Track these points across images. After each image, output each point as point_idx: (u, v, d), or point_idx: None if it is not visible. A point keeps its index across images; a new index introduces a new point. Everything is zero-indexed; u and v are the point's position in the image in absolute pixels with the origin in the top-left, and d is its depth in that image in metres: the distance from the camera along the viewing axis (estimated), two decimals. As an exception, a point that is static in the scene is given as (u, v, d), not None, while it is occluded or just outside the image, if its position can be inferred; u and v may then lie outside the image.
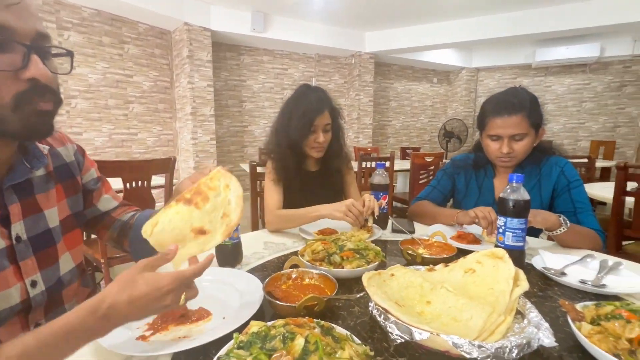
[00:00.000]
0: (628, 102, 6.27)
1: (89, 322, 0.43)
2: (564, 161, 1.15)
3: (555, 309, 0.63)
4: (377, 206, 1.03)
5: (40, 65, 0.48)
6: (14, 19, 0.46)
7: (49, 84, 0.50)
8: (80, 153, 0.73)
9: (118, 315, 0.45)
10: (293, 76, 5.78)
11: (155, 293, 0.45)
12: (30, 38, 0.48)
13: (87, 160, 0.75)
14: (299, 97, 1.26)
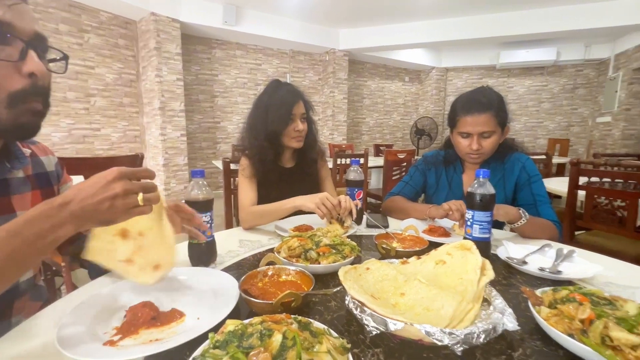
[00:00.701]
0: (580, 103, 6.79)
1: (46, 210, 0.47)
2: (525, 157, 1.23)
3: (517, 295, 0.68)
4: (354, 207, 1.04)
5: (36, 60, 0.52)
6: (15, 17, 0.50)
7: (45, 86, 0.54)
8: (60, 165, 0.76)
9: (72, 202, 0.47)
10: (267, 72, 5.70)
11: (100, 180, 0.49)
12: (29, 36, 0.52)
13: (65, 173, 0.77)
14: (273, 90, 1.27)
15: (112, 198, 0.49)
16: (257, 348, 0.39)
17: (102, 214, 0.49)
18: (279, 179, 1.28)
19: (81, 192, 0.48)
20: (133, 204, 0.51)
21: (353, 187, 1.17)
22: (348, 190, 1.18)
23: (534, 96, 7.04)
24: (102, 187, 0.48)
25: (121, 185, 0.49)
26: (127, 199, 0.50)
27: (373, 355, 0.49)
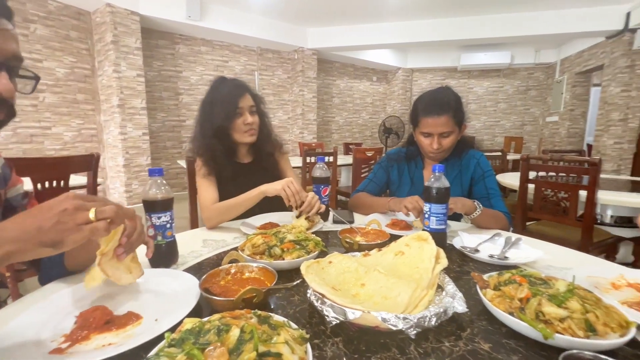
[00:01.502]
0: (532, 103, 7.33)
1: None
2: (480, 154, 1.31)
3: (469, 280, 0.73)
4: (317, 206, 1.06)
5: (5, 81, 0.54)
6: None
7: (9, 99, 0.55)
8: (8, 166, 0.69)
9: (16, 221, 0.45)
10: (234, 69, 5.58)
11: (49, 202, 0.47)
12: (5, 57, 0.54)
13: (15, 175, 0.71)
14: (218, 86, 1.26)
15: (59, 214, 0.45)
16: (213, 343, 0.39)
17: (46, 234, 0.44)
18: (236, 176, 1.26)
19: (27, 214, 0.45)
20: (83, 220, 0.46)
21: (319, 183, 1.19)
22: (314, 187, 1.20)
23: (492, 97, 7.49)
24: (49, 206, 0.45)
25: (71, 202, 0.46)
26: (76, 214, 0.46)
27: (333, 344, 0.51)
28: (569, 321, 0.48)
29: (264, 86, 5.94)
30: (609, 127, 5.16)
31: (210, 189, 1.20)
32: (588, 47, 5.70)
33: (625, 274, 0.70)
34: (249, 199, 1.10)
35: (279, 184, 1.06)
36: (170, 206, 0.78)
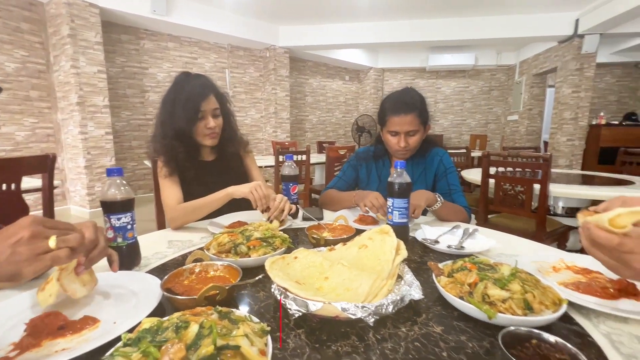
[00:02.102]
0: (495, 103, 7.74)
1: None
2: (443, 151, 1.38)
3: (428, 270, 0.77)
4: (287, 207, 1.07)
5: None
6: None
7: None
8: None
9: None
10: (204, 66, 5.43)
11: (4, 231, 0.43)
12: None
13: None
14: (180, 84, 1.20)
15: (13, 245, 0.41)
16: (171, 340, 0.39)
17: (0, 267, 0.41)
18: (200, 174, 1.24)
19: None
20: (42, 249, 0.43)
21: (288, 181, 1.20)
22: (283, 185, 1.21)
23: (458, 96, 7.83)
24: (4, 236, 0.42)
25: (28, 230, 0.42)
26: (33, 243, 0.42)
27: (296, 336, 0.52)
28: (510, 301, 0.52)
29: (236, 84, 5.83)
30: (562, 126, 5.56)
31: (174, 188, 1.17)
32: (543, 51, 6.11)
33: (565, 258, 0.77)
34: (216, 200, 1.09)
35: (246, 187, 1.05)
36: (130, 207, 0.76)
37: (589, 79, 5.27)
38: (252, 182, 1.06)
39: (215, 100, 1.22)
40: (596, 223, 0.47)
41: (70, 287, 0.53)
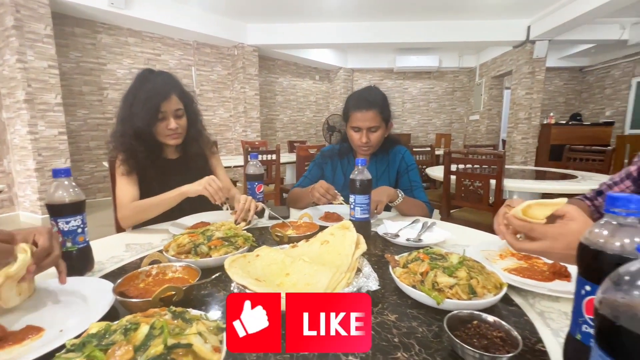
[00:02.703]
0: (458, 103, 8.13)
1: None
2: (404, 149, 1.43)
3: (387, 262, 0.80)
4: (253, 206, 1.07)
5: None
6: None
7: None
8: None
9: None
10: (168, 63, 5.22)
11: None
12: None
13: None
14: (141, 82, 1.15)
15: None
16: (118, 343, 0.38)
17: None
18: (161, 173, 1.21)
19: None
20: None
21: (253, 180, 1.19)
22: (248, 184, 1.20)
23: (424, 97, 8.13)
24: None
25: None
26: None
27: (254, 332, 0.53)
28: (457, 287, 0.56)
29: (202, 82, 5.66)
30: (518, 125, 5.96)
31: (129, 186, 1.13)
32: (500, 55, 6.51)
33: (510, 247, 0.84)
34: (169, 199, 1.06)
35: (199, 184, 1.04)
36: (81, 209, 0.72)
37: (540, 82, 5.69)
38: (204, 178, 1.04)
39: (178, 100, 1.18)
40: (514, 214, 0.57)
41: (4, 295, 0.50)
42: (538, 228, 0.56)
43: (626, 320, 0.24)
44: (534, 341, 0.50)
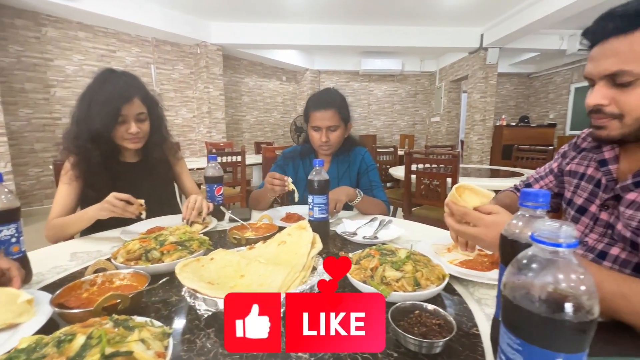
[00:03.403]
0: (420, 106, 8.48)
1: None
2: (364, 150, 1.48)
3: (343, 260, 0.82)
4: (205, 206, 1.05)
5: None
6: None
7: None
8: None
9: None
10: (124, 60, 4.94)
11: None
12: None
13: None
14: (101, 82, 1.10)
15: None
16: (51, 356, 0.36)
17: None
18: (118, 177, 1.15)
19: None
20: None
21: (212, 183, 1.16)
22: (207, 187, 1.17)
23: (389, 99, 8.39)
24: None
25: None
26: None
27: (205, 335, 0.52)
28: (403, 280, 0.60)
29: (163, 81, 5.42)
30: (474, 126, 6.35)
31: (64, 199, 1.08)
32: (457, 60, 6.89)
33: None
34: (83, 220, 1.01)
35: (101, 208, 0.96)
36: (15, 217, 0.67)
37: (493, 86, 6.10)
38: (105, 199, 0.96)
39: (141, 104, 1.14)
40: (452, 199, 0.64)
41: None
42: (472, 214, 0.61)
43: (520, 299, 0.27)
44: (469, 326, 0.54)
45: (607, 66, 0.60)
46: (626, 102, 0.60)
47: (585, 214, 0.80)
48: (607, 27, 0.59)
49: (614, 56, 0.59)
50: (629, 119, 0.61)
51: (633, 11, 0.56)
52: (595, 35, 0.62)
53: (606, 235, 0.75)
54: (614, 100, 0.61)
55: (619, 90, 0.60)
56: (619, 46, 0.58)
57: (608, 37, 0.59)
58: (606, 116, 0.63)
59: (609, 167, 0.75)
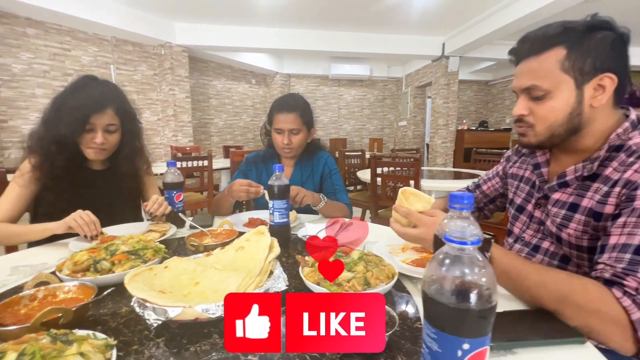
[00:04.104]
0: (388, 110, 8.75)
1: None
2: (327, 154, 1.51)
3: (302, 263, 0.84)
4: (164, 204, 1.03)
5: None
6: None
7: None
8: None
9: None
10: (81, 60, 4.66)
11: None
12: None
13: None
14: (76, 88, 1.09)
15: None
16: (-24, 376, 0.35)
17: None
18: (82, 184, 1.12)
19: None
20: None
21: (171, 189, 1.14)
22: (166, 194, 1.14)
23: (358, 103, 8.58)
24: None
25: None
26: None
27: (154, 345, 0.52)
28: (354, 281, 0.62)
29: (124, 82, 5.17)
30: (438, 130, 6.65)
31: (12, 201, 1.03)
32: (422, 67, 7.20)
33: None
34: (33, 233, 0.97)
35: (65, 223, 0.94)
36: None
37: (455, 93, 6.44)
38: (74, 213, 0.95)
39: (114, 115, 1.11)
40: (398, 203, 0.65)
41: None
42: (414, 214, 0.66)
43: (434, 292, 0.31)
44: (414, 320, 0.58)
45: (524, 82, 0.69)
46: (537, 113, 0.69)
47: (523, 213, 0.88)
48: (524, 48, 0.69)
49: (528, 73, 0.68)
50: (538, 128, 0.70)
51: (541, 36, 0.67)
52: (517, 55, 0.72)
53: (539, 231, 0.83)
54: (531, 112, 0.70)
55: (535, 102, 0.69)
56: (532, 65, 0.68)
57: (525, 57, 0.69)
58: (525, 125, 0.72)
59: (541, 170, 0.84)
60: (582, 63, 0.64)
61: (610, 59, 0.65)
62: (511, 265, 0.61)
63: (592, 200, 0.68)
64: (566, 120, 0.68)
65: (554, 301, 0.56)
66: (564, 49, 0.65)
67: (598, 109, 0.68)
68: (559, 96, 0.66)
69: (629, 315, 0.52)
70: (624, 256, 0.56)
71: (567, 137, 0.70)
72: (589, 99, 0.66)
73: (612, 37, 0.65)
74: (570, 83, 0.66)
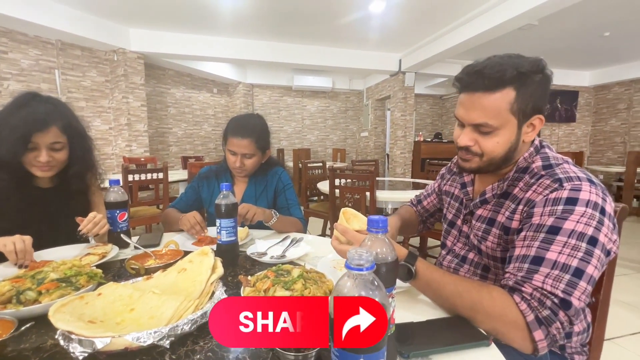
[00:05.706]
0: (351, 121, 9.01)
1: None
2: (281, 170, 1.53)
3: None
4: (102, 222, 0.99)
5: None
6: None
7: None
8: None
9: None
10: (19, 63, 4.29)
11: None
12: None
13: None
14: (18, 106, 1.03)
15: None
16: None
17: None
18: (31, 201, 1.07)
19: None
20: None
21: (114, 209, 1.09)
22: (109, 213, 1.10)
23: (322, 114, 8.74)
24: None
25: None
26: None
27: (79, 380, 0.50)
28: (291, 299, 0.65)
29: (71, 88, 4.83)
30: (397, 141, 6.97)
31: None
32: (381, 81, 7.54)
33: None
34: None
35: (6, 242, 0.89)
36: None
37: (411, 106, 6.81)
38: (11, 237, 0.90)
39: (60, 133, 1.06)
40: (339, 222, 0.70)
41: None
42: (350, 232, 0.71)
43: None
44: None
45: (475, 117, 0.75)
46: (485, 146, 0.76)
47: (454, 227, 0.97)
48: (477, 82, 0.73)
49: (480, 109, 0.73)
50: (485, 158, 0.78)
51: (497, 76, 0.70)
52: (466, 86, 0.76)
53: (467, 244, 0.92)
54: (477, 143, 0.77)
55: (482, 135, 0.76)
56: (484, 101, 0.72)
57: (476, 91, 0.73)
58: (471, 154, 0.79)
59: (467, 189, 0.93)
60: (525, 106, 0.72)
61: (542, 101, 0.74)
62: (432, 277, 0.67)
63: (504, 216, 0.78)
64: (505, 153, 0.77)
65: (467, 309, 0.63)
66: (513, 90, 0.71)
67: (525, 142, 0.78)
68: (504, 134, 0.74)
69: (525, 317, 0.60)
70: (523, 265, 0.65)
71: (501, 165, 0.79)
72: (523, 135, 0.76)
73: (544, 79, 0.73)
74: (514, 123, 0.74)
